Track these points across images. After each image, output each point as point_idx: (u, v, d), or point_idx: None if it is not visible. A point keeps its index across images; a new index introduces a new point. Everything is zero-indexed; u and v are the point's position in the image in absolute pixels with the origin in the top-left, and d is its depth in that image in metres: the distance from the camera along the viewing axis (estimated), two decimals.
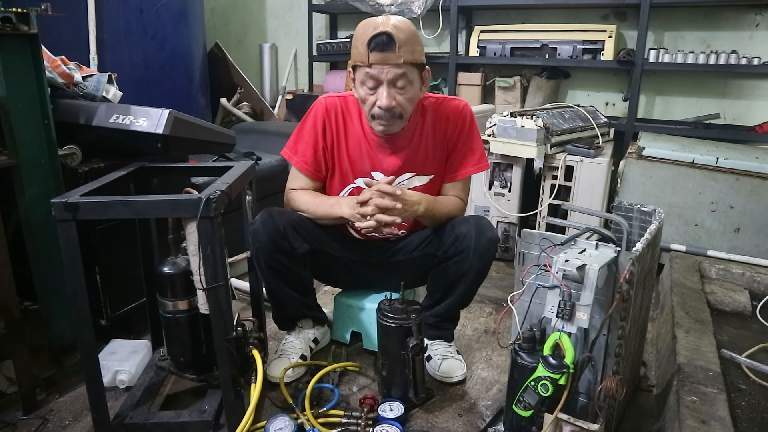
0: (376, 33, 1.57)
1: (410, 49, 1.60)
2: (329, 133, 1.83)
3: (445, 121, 1.83)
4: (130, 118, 1.84)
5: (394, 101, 1.63)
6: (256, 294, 1.92)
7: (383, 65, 1.59)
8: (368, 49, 1.58)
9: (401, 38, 1.58)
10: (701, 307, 2.09)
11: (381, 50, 1.57)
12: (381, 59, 1.58)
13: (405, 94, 1.65)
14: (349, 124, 1.83)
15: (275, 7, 4.69)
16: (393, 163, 1.81)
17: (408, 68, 1.61)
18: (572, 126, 3.00)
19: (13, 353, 1.62)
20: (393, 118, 1.67)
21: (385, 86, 1.62)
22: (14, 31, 1.55)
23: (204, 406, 1.62)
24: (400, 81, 1.62)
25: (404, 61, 1.59)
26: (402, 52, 1.58)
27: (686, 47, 3.38)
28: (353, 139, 1.83)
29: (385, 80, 1.61)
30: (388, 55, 1.58)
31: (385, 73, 1.60)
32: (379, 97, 1.63)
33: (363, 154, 1.82)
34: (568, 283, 1.31)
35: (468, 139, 1.85)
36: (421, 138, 1.82)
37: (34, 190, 1.68)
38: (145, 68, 3.42)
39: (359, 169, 1.83)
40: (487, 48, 3.66)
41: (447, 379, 1.85)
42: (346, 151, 1.83)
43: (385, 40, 1.57)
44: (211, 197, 1.35)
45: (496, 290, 2.60)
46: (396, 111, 1.65)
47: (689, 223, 2.70)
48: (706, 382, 1.58)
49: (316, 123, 1.83)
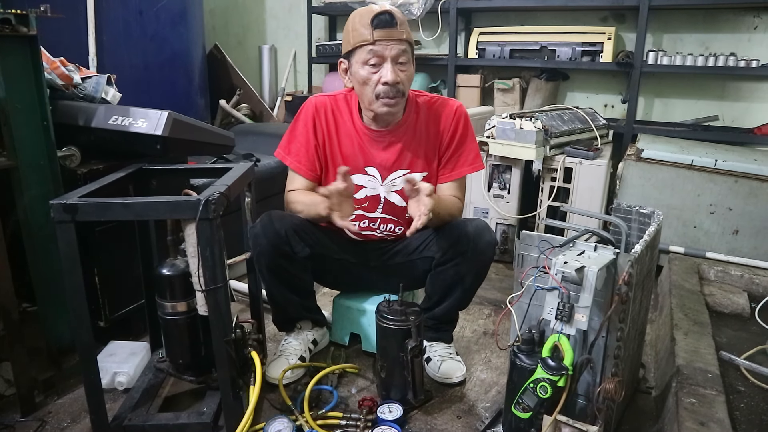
0: (379, 12, 1.65)
1: (407, 28, 1.69)
2: (320, 131, 1.84)
3: (438, 120, 1.84)
4: (129, 119, 1.84)
5: (398, 77, 1.68)
6: (255, 295, 1.91)
7: (388, 41, 1.65)
8: (372, 28, 1.64)
9: (400, 18, 1.68)
10: (700, 309, 2.09)
11: (384, 27, 1.64)
12: (386, 35, 1.65)
13: (406, 72, 1.70)
14: (340, 121, 1.84)
15: (275, 9, 4.70)
16: (386, 158, 1.82)
17: (407, 46, 1.69)
18: (571, 128, 3.00)
19: (12, 355, 1.61)
20: (397, 95, 1.70)
21: (389, 62, 1.67)
22: (13, 32, 1.55)
23: (203, 407, 1.62)
24: (403, 57, 1.68)
25: (405, 38, 1.67)
26: (402, 29, 1.66)
27: (685, 49, 3.39)
28: (345, 136, 1.84)
29: (389, 56, 1.66)
30: (391, 31, 1.65)
31: (389, 49, 1.66)
32: (384, 73, 1.67)
33: (356, 150, 1.83)
34: (567, 284, 1.31)
35: (462, 139, 1.86)
36: (414, 134, 1.83)
37: (33, 191, 1.67)
38: (145, 70, 3.42)
39: (353, 165, 1.83)
40: (486, 50, 3.67)
41: (446, 381, 1.85)
42: (338, 148, 1.84)
43: (387, 18, 1.64)
44: (210, 199, 1.35)
45: (495, 292, 2.60)
46: (400, 87, 1.69)
47: (688, 225, 2.70)
48: (704, 384, 1.58)
49: (307, 122, 1.84)
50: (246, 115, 4.33)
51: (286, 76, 4.65)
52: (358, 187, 1.84)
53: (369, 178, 1.85)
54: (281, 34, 4.72)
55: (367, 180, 1.85)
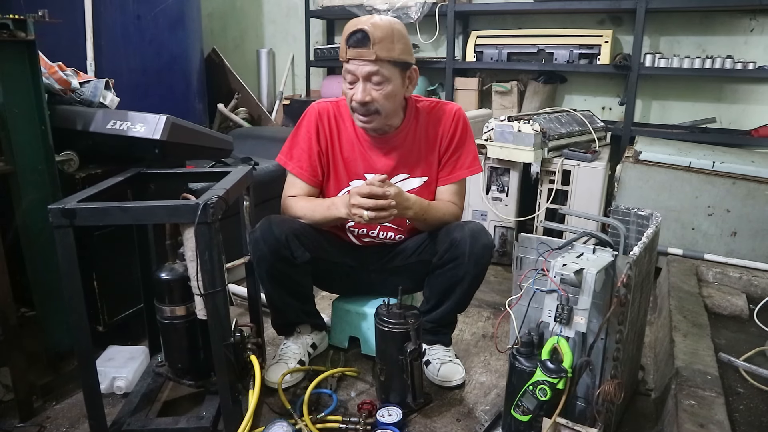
0: (354, 30, 1.64)
1: (387, 46, 1.63)
2: (323, 137, 1.84)
3: (438, 124, 1.84)
4: (128, 123, 1.84)
5: (369, 96, 1.67)
6: (254, 299, 1.91)
7: (358, 61, 1.64)
8: (347, 45, 1.65)
9: (377, 36, 1.62)
10: (699, 311, 2.09)
11: (355, 46, 1.64)
12: (357, 54, 1.64)
13: (381, 91, 1.68)
14: (342, 127, 1.84)
15: (272, 13, 4.70)
16: (386, 164, 1.83)
17: (383, 65, 1.65)
18: (569, 130, 3.01)
19: (10, 360, 1.61)
20: (369, 114, 1.70)
21: (360, 81, 1.66)
22: (11, 37, 1.55)
23: (202, 412, 1.61)
24: (375, 77, 1.66)
25: (378, 58, 1.63)
26: (376, 48, 1.62)
27: (682, 52, 3.40)
28: (347, 142, 1.84)
29: (360, 75, 1.66)
30: (362, 51, 1.63)
31: (360, 68, 1.65)
32: (355, 92, 1.67)
33: (356, 156, 1.83)
34: (565, 287, 1.31)
35: (461, 142, 1.86)
36: (414, 140, 1.83)
37: (31, 196, 1.67)
38: (143, 74, 3.42)
39: (353, 171, 1.84)
40: (484, 53, 3.67)
41: (446, 384, 1.85)
42: (340, 154, 1.84)
43: (359, 37, 1.63)
44: (208, 203, 1.36)
45: (493, 294, 2.60)
46: (371, 107, 1.69)
47: (686, 226, 2.70)
48: (704, 386, 1.58)
49: (310, 128, 1.84)
50: (244, 119, 4.33)
51: (284, 80, 4.66)
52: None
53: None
54: (279, 37, 4.72)
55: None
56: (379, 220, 1.65)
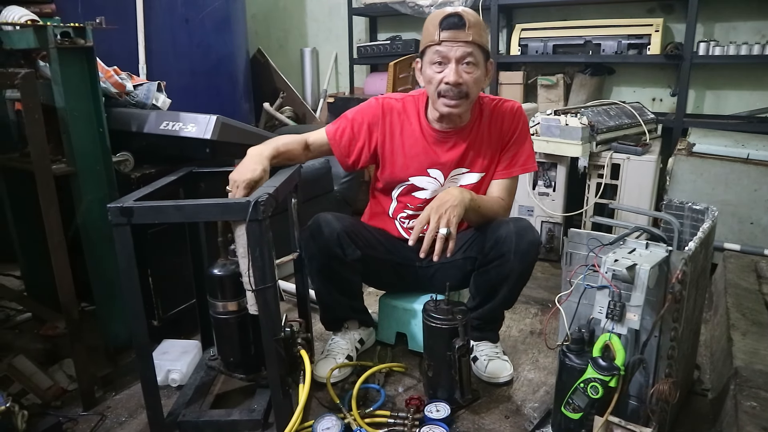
0: (448, 14, 1.67)
1: (479, 32, 1.68)
2: (382, 131, 1.86)
3: (500, 121, 1.85)
4: (180, 124, 1.89)
5: (461, 78, 1.68)
6: (303, 295, 1.94)
7: (454, 42, 1.66)
8: (439, 29, 1.66)
9: (470, 20, 1.66)
10: (759, 309, 2.01)
11: (451, 28, 1.65)
12: (452, 36, 1.66)
13: (472, 74, 1.70)
14: (406, 123, 1.86)
15: (315, 12, 4.75)
16: (450, 158, 1.83)
17: (475, 49, 1.68)
18: (618, 123, 2.94)
19: (74, 352, 1.69)
20: (459, 97, 1.70)
21: (453, 63, 1.68)
22: (72, 44, 1.63)
23: (253, 405, 1.65)
24: (468, 58, 1.68)
25: (473, 41, 1.66)
26: (471, 32, 1.65)
27: (739, 38, 3.25)
28: (409, 137, 1.85)
29: (453, 57, 1.67)
30: (457, 33, 1.65)
31: (454, 50, 1.67)
32: (447, 73, 1.68)
33: (419, 151, 1.84)
34: (617, 283, 1.28)
35: (521, 139, 1.86)
36: (477, 135, 1.84)
37: (90, 196, 1.75)
38: (191, 75, 3.51)
39: (416, 165, 1.85)
40: (529, 46, 3.61)
41: (494, 380, 1.84)
42: (401, 149, 1.85)
43: (455, 21, 1.66)
44: (259, 200, 1.38)
45: (541, 291, 2.57)
46: (462, 89, 1.69)
47: (744, 221, 2.60)
48: (766, 387, 1.52)
49: (365, 120, 1.86)
50: (289, 117, 4.39)
51: (327, 78, 4.70)
52: (418, 189, 1.87)
53: (431, 180, 1.86)
54: (322, 36, 4.76)
55: (429, 182, 1.86)
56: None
